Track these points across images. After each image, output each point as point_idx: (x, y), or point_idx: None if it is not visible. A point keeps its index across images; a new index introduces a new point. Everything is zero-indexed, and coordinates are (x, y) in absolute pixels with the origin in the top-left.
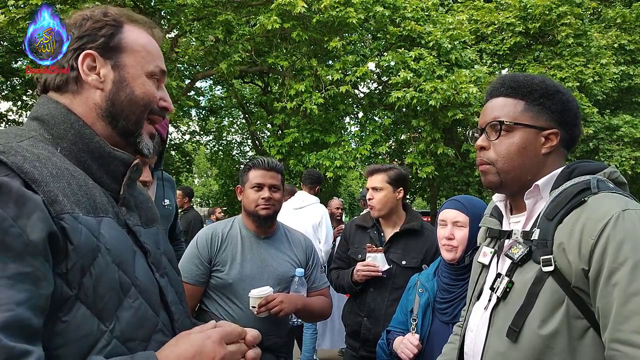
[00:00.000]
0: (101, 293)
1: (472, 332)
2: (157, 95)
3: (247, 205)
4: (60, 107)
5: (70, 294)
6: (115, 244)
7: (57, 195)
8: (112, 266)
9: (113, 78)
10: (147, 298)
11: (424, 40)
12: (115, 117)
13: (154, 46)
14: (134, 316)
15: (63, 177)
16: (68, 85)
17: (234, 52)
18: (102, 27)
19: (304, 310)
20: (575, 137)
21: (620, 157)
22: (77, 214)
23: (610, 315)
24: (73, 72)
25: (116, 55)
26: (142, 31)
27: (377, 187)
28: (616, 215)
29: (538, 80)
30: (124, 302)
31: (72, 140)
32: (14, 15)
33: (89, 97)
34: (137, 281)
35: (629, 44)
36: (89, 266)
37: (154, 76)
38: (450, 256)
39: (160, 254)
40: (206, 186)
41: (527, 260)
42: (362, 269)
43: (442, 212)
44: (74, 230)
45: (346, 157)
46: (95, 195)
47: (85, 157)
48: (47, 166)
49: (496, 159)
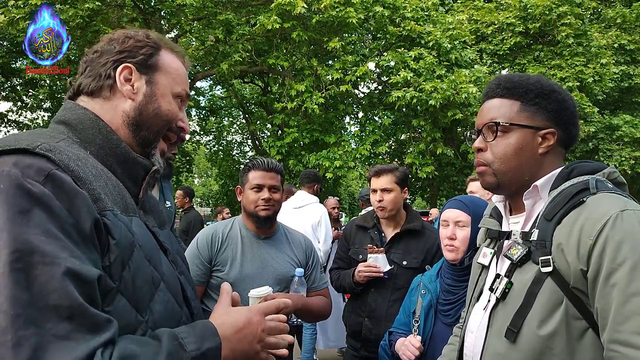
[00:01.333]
0: (138, 286)
1: (471, 333)
2: (179, 115)
3: (247, 206)
4: (88, 113)
5: (113, 286)
6: (145, 242)
7: (100, 193)
8: (145, 261)
9: (145, 92)
10: (172, 293)
11: (423, 40)
12: (140, 126)
13: (183, 72)
14: (164, 309)
15: (101, 177)
16: (102, 91)
17: (234, 52)
18: (143, 47)
19: (303, 310)
20: (573, 136)
21: (620, 156)
22: (117, 212)
23: (609, 316)
24: (109, 80)
25: (151, 73)
26: (176, 57)
27: (387, 188)
28: (615, 215)
29: (533, 80)
30: (155, 296)
31: (99, 144)
32: (14, 15)
33: (118, 105)
34: (164, 276)
35: (629, 44)
36: (127, 260)
37: (179, 97)
38: (452, 256)
39: (176, 254)
40: (206, 186)
41: (526, 261)
42: (363, 270)
43: (444, 212)
44: (115, 226)
45: (346, 157)
46: (126, 196)
47: (111, 161)
48: (87, 166)
49: (493, 160)
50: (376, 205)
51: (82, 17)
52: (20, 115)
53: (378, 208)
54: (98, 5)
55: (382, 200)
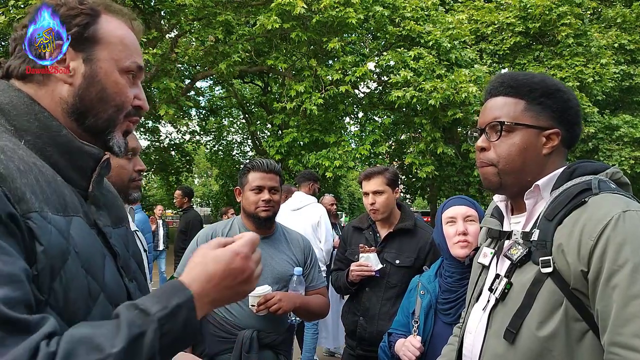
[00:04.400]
0: (72, 299)
1: (470, 334)
2: (131, 95)
3: (247, 207)
4: (22, 96)
5: (41, 299)
6: (84, 247)
7: (25, 192)
8: (81, 271)
9: (84, 72)
10: (115, 305)
11: (423, 39)
12: (83, 114)
13: (132, 39)
14: None
15: (30, 172)
16: (33, 74)
17: (234, 52)
18: (76, 16)
19: (302, 308)
20: (576, 136)
21: (619, 156)
22: (46, 213)
23: (609, 318)
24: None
25: (89, 48)
26: (121, 22)
27: (378, 190)
28: (616, 216)
29: (538, 79)
30: (93, 310)
31: (36, 132)
32: (14, 15)
33: (54, 90)
34: (105, 287)
35: (629, 44)
36: (59, 270)
37: (130, 72)
38: (465, 252)
39: (129, 257)
40: (206, 186)
41: (526, 262)
42: (355, 269)
43: (450, 209)
44: (43, 230)
45: (346, 157)
46: (65, 193)
47: (52, 151)
48: (13, 160)
49: (497, 160)
50: (369, 208)
51: None
52: None
53: (371, 211)
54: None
55: (374, 202)
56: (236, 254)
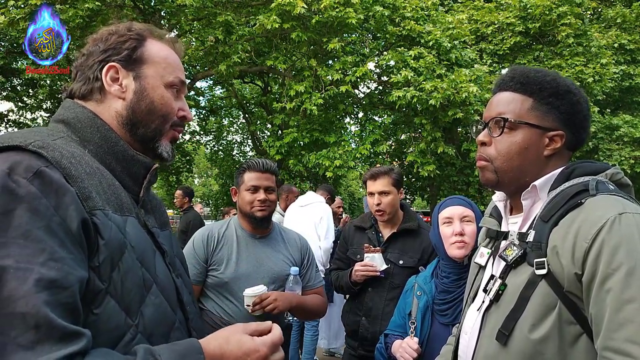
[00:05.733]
0: (128, 288)
1: (466, 334)
2: (175, 106)
3: (243, 206)
4: (86, 112)
5: (102, 287)
6: (138, 243)
7: (91, 192)
8: (136, 263)
9: (134, 88)
10: (166, 296)
11: (423, 39)
12: (135, 125)
13: (174, 58)
14: (155, 313)
15: (95, 176)
16: (92, 94)
17: (234, 52)
18: (125, 41)
19: (298, 308)
20: (581, 140)
21: (619, 156)
22: (108, 211)
23: (602, 323)
24: (97, 82)
25: (138, 67)
26: (164, 44)
27: (384, 190)
28: (612, 219)
29: (550, 78)
30: (147, 299)
31: (98, 143)
32: (14, 15)
33: (111, 106)
34: (157, 279)
35: (629, 44)
36: (117, 261)
37: (174, 86)
38: (462, 253)
39: (174, 256)
40: (206, 186)
41: (521, 263)
42: (360, 269)
43: (447, 209)
44: (104, 226)
45: (346, 156)
46: (122, 195)
47: (110, 159)
48: (82, 164)
49: (496, 156)
50: (375, 209)
51: (82, 17)
52: (21, 116)
53: (377, 212)
54: (98, 5)
55: (380, 203)
56: (257, 350)
